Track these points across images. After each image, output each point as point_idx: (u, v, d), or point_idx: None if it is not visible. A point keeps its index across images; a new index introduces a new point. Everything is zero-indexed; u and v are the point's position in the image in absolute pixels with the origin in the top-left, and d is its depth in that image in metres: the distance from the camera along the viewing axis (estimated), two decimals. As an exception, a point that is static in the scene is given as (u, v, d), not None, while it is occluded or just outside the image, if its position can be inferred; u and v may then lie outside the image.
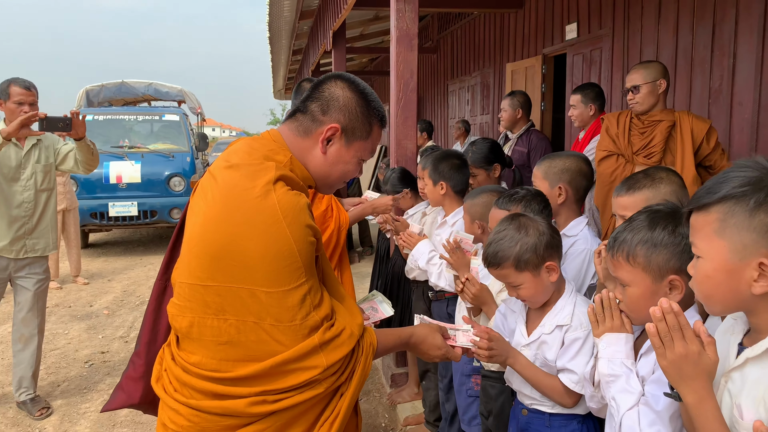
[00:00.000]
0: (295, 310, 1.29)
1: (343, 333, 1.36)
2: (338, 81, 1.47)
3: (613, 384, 1.37)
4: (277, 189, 1.31)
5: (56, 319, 5.65)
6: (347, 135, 1.46)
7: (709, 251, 1.07)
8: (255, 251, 1.27)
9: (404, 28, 3.48)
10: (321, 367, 1.31)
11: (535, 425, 1.74)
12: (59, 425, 3.56)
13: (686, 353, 1.05)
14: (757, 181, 1.02)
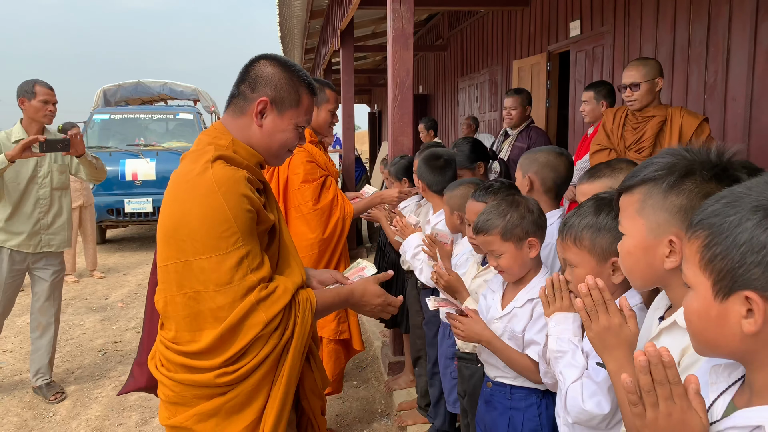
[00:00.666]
0: (233, 272, 1.42)
1: (277, 289, 1.49)
2: (262, 60, 1.61)
3: (561, 359, 1.48)
4: (215, 166, 1.46)
5: (73, 311, 5.86)
6: (277, 105, 1.58)
7: (631, 229, 1.18)
8: (196, 222, 1.42)
9: (400, 28, 3.59)
10: (262, 323, 1.44)
11: (497, 397, 1.86)
12: (72, 409, 3.74)
13: (609, 325, 1.15)
14: (671, 165, 1.13)
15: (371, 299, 1.72)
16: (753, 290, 0.77)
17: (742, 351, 0.83)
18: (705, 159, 1.11)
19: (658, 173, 1.14)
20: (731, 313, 0.81)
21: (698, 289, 0.85)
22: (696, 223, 0.86)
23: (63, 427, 3.51)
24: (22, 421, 3.58)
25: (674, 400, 0.84)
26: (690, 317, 0.88)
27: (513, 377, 1.82)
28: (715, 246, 0.81)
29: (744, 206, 0.79)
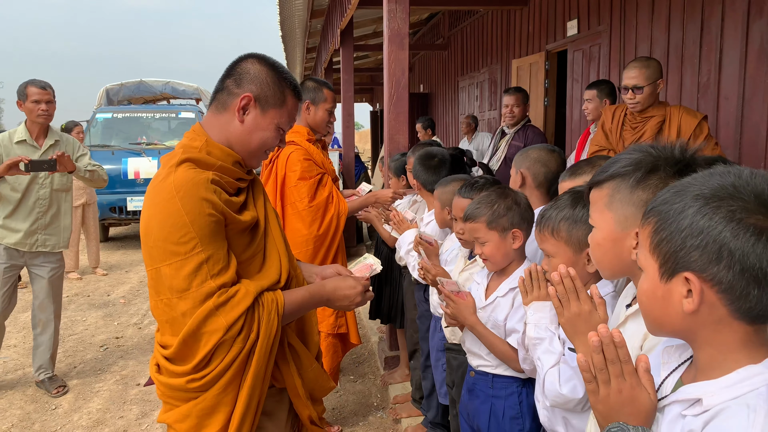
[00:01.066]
0: (191, 278, 1.39)
1: (237, 293, 1.44)
2: (250, 58, 1.59)
3: (539, 346, 1.54)
4: (178, 170, 1.43)
5: (75, 307, 5.94)
6: (261, 103, 1.55)
7: (600, 222, 1.24)
8: (156, 228, 1.41)
9: (396, 28, 3.65)
10: (223, 327, 1.41)
11: (480, 386, 1.92)
12: (74, 402, 3.81)
13: (579, 312, 1.21)
14: (638, 162, 1.19)
15: (345, 291, 1.66)
16: (692, 272, 0.83)
17: (684, 329, 0.89)
18: (669, 155, 1.17)
19: (625, 169, 1.20)
20: (674, 293, 0.87)
21: (648, 271, 0.91)
22: (648, 211, 0.92)
23: (65, 419, 3.58)
24: (24, 414, 3.65)
25: (624, 378, 0.91)
26: (641, 297, 0.94)
27: (494, 366, 1.88)
28: (662, 231, 0.88)
29: (687, 195, 0.86)
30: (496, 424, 1.89)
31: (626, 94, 3.14)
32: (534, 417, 1.89)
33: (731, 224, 0.80)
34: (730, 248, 0.80)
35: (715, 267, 0.81)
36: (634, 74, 3.10)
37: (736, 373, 0.84)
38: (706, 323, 0.86)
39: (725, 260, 0.80)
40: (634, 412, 0.91)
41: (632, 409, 0.91)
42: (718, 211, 0.81)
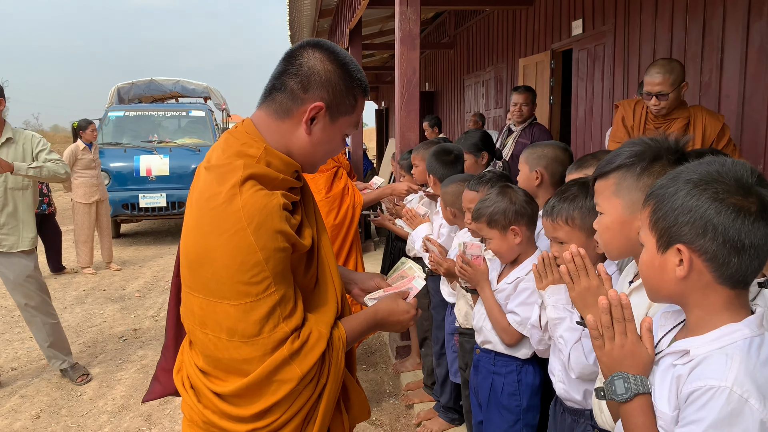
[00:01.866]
0: (263, 323, 1.23)
1: (310, 337, 1.29)
2: (315, 52, 1.33)
3: (560, 324, 1.68)
4: (244, 191, 1.23)
5: (92, 301, 6.10)
6: (331, 112, 1.34)
7: (608, 208, 1.38)
8: (221, 262, 1.21)
9: (407, 29, 3.79)
10: (297, 378, 1.26)
11: (483, 363, 2.08)
12: (98, 389, 3.97)
13: (589, 286, 1.36)
14: (641, 153, 1.34)
15: (399, 317, 1.51)
16: (683, 243, 1.00)
17: (677, 294, 1.05)
18: (668, 146, 1.33)
19: (630, 160, 1.35)
20: (668, 263, 1.03)
21: (647, 246, 1.08)
22: (648, 195, 1.09)
23: (90, 405, 3.74)
24: (51, 400, 3.81)
25: (627, 335, 1.07)
26: (641, 268, 1.10)
27: (495, 343, 2.04)
28: (658, 211, 1.04)
29: (679, 180, 1.02)
30: (495, 399, 2.05)
31: (650, 99, 3.05)
32: (531, 395, 2.05)
33: (715, 203, 0.97)
34: (714, 223, 0.96)
35: (702, 239, 0.98)
36: (658, 80, 3.00)
37: (718, 330, 1.01)
38: (695, 288, 1.01)
39: (710, 233, 0.97)
40: (634, 364, 1.07)
41: (632, 361, 1.07)
42: (705, 193, 0.98)
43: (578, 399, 1.68)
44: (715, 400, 0.94)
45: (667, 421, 1.02)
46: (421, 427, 3.17)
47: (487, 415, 2.09)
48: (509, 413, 2.04)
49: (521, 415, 2.04)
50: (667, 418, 1.02)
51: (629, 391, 1.05)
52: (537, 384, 2.08)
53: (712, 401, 0.94)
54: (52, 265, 7.14)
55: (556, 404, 1.81)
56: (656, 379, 1.07)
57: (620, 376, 1.06)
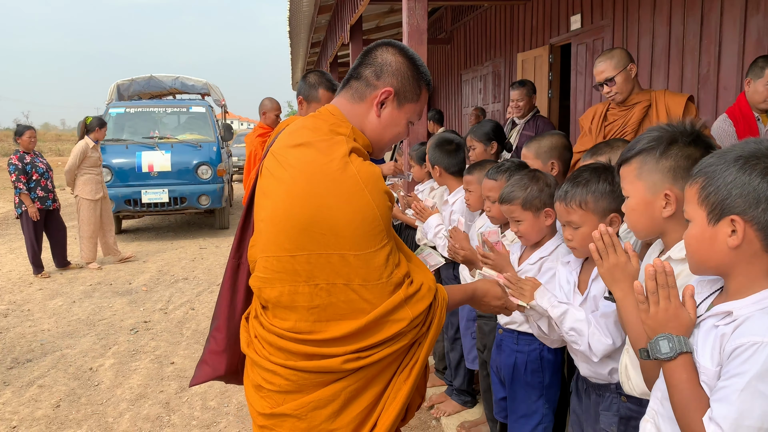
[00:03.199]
0: (381, 270, 1.39)
1: (422, 287, 1.46)
2: (389, 48, 1.54)
3: (565, 319, 1.76)
4: (353, 160, 1.41)
5: (100, 295, 6.17)
6: (399, 98, 1.53)
7: (632, 191, 1.48)
8: (342, 219, 1.36)
9: (415, 24, 3.89)
10: (407, 319, 1.42)
11: (506, 342, 2.18)
12: (114, 379, 4.06)
13: (617, 262, 1.45)
14: (658, 137, 1.44)
15: (492, 300, 1.75)
16: (737, 214, 1.11)
17: (725, 264, 1.15)
18: (683, 129, 1.44)
19: (649, 144, 1.45)
20: (720, 233, 1.13)
21: (696, 220, 1.17)
22: (696, 173, 1.18)
23: (109, 394, 3.83)
24: (70, 390, 3.89)
25: (671, 300, 1.18)
26: (689, 241, 1.19)
27: (519, 324, 2.14)
28: (709, 186, 1.14)
29: (729, 157, 1.13)
30: (519, 376, 2.15)
31: (602, 90, 3.12)
32: (553, 372, 2.15)
33: (766, 177, 1.08)
34: (766, 195, 1.08)
35: (755, 210, 1.09)
36: (601, 68, 3.07)
37: (759, 294, 1.12)
38: (743, 256, 1.12)
39: (762, 205, 1.08)
40: (677, 326, 1.18)
41: (676, 323, 1.18)
42: (756, 168, 1.09)
43: (604, 374, 1.76)
44: (759, 354, 1.04)
45: (710, 376, 1.13)
46: (435, 410, 3.28)
47: (511, 392, 2.19)
48: (533, 389, 2.14)
49: (544, 391, 2.14)
50: (710, 373, 1.13)
51: (674, 350, 1.16)
52: (559, 361, 2.18)
53: (755, 355, 1.04)
54: (58, 260, 7.20)
55: (578, 381, 1.90)
56: (699, 339, 1.17)
57: (665, 337, 1.17)
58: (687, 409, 1.13)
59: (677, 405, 1.16)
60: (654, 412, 1.30)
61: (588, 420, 1.80)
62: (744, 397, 1.04)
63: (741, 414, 1.04)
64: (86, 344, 4.73)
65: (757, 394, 1.04)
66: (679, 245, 1.47)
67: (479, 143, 3.31)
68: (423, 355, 1.50)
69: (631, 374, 1.55)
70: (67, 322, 5.31)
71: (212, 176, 8.97)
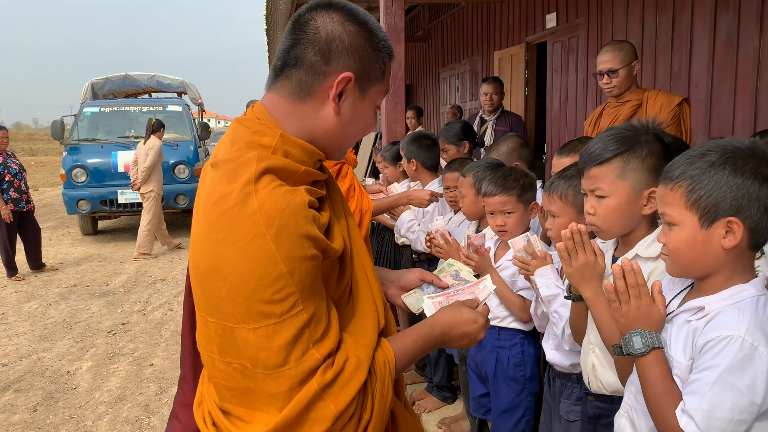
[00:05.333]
0: (288, 350, 1.00)
1: (347, 365, 1.05)
2: (331, 13, 1.10)
3: (554, 301, 1.82)
4: (260, 189, 1.01)
5: (76, 297, 6.09)
6: (361, 83, 1.12)
7: (613, 191, 1.49)
8: (236, 276, 0.99)
9: (392, 23, 3.90)
10: (332, 417, 1.02)
11: (488, 338, 2.22)
12: (92, 382, 4.02)
13: (586, 261, 1.48)
14: (631, 137, 1.48)
15: (465, 327, 1.23)
16: (733, 216, 1.13)
17: (714, 264, 1.17)
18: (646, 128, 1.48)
19: (624, 146, 1.47)
20: (714, 236, 1.16)
21: (685, 224, 1.18)
22: (677, 176, 1.19)
23: (87, 397, 3.79)
24: (47, 394, 3.85)
25: (641, 297, 1.21)
26: (678, 245, 1.20)
27: (500, 319, 2.18)
28: (699, 189, 1.16)
29: (714, 160, 1.15)
30: (502, 371, 2.19)
31: (602, 79, 3.08)
32: (534, 364, 2.20)
33: (758, 178, 1.12)
34: (758, 196, 1.12)
35: (748, 210, 1.13)
36: (607, 58, 3.03)
37: (730, 290, 1.17)
38: (733, 255, 1.16)
39: (755, 205, 1.12)
40: (649, 322, 1.22)
41: (647, 320, 1.22)
42: (746, 170, 1.13)
43: (566, 365, 1.82)
44: (729, 348, 1.08)
45: (682, 370, 1.17)
46: (415, 406, 3.31)
47: (494, 387, 2.23)
48: (515, 383, 2.19)
49: (526, 384, 2.20)
50: (682, 366, 1.17)
51: (646, 345, 1.19)
52: (537, 354, 2.23)
53: (726, 349, 1.08)
54: (32, 262, 7.09)
55: (549, 371, 1.96)
56: (672, 334, 1.22)
57: (637, 333, 1.20)
58: (660, 402, 1.17)
59: (650, 398, 1.19)
60: (628, 406, 1.34)
61: (555, 407, 1.85)
62: (715, 390, 1.08)
63: (713, 406, 1.08)
64: (63, 347, 4.68)
65: (728, 386, 1.08)
66: (645, 242, 1.51)
67: (451, 145, 3.35)
68: None
69: (600, 373, 1.59)
70: (42, 325, 5.24)
71: (190, 175, 8.90)
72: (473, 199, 2.57)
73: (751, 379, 1.07)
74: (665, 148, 1.49)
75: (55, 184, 17.63)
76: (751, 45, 3.85)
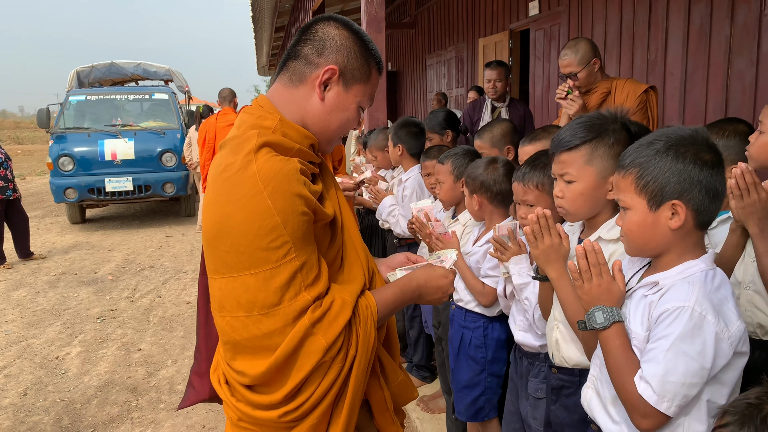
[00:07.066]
0: (283, 291, 1.17)
1: (333, 305, 1.22)
2: (331, 22, 1.34)
3: (525, 288, 1.90)
4: (259, 157, 1.20)
5: (65, 285, 6.15)
6: (345, 77, 1.32)
7: (581, 176, 1.57)
8: (238, 230, 1.16)
9: (373, 12, 3.96)
10: (322, 349, 1.19)
11: (457, 318, 2.33)
12: (82, 366, 4.10)
13: (552, 244, 1.57)
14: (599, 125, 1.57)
15: (438, 281, 1.43)
16: (677, 199, 1.23)
17: (664, 244, 1.27)
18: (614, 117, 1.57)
19: (591, 133, 1.55)
20: (661, 218, 1.25)
21: (637, 208, 1.28)
22: (628, 164, 1.29)
23: (76, 381, 3.87)
24: (37, 378, 3.93)
25: (602, 276, 1.31)
26: (631, 228, 1.30)
27: (467, 302, 2.29)
28: (646, 176, 1.25)
29: (659, 147, 1.25)
30: (464, 350, 2.31)
31: (566, 81, 3.16)
32: (496, 348, 2.31)
33: (697, 162, 1.22)
34: (699, 179, 1.22)
35: (690, 193, 1.22)
36: (566, 62, 3.13)
37: (681, 266, 1.27)
38: (680, 235, 1.26)
39: (696, 187, 1.22)
40: (610, 298, 1.31)
41: (608, 296, 1.31)
42: (687, 155, 1.22)
43: (536, 345, 1.92)
44: (681, 317, 1.19)
45: (640, 340, 1.27)
46: (396, 386, 3.43)
47: (457, 363, 2.34)
48: (475, 363, 2.29)
49: (486, 366, 2.30)
50: (640, 337, 1.27)
51: (608, 319, 1.29)
52: (503, 339, 2.32)
53: (678, 318, 1.19)
54: (21, 251, 7.12)
55: (516, 351, 2.06)
56: (630, 309, 1.32)
57: (599, 309, 1.30)
58: (620, 371, 1.27)
59: (612, 368, 1.29)
60: (594, 378, 1.44)
61: (521, 385, 1.95)
62: (669, 356, 1.19)
63: (667, 371, 1.19)
64: (52, 334, 4.75)
65: (680, 353, 1.18)
66: (607, 225, 1.60)
67: (434, 134, 3.43)
68: (353, 382, 1.26)
69: (562, 348, 1.69)
70: (31, 312, 5.30)
71: (177, 163, 8.92)
72: (451, 185, 2.63)
73: (701, 346, 1.18)
74: (631, 136, 1.56)
75: (42, 173, 17.54)
76: (722, 34, 3.94)
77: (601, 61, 3.23)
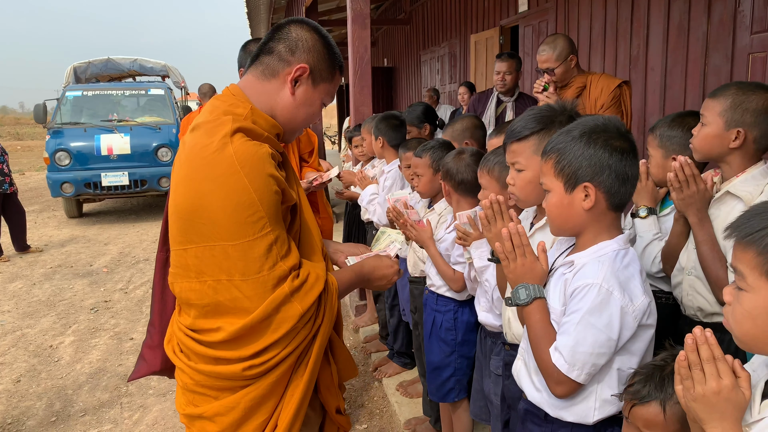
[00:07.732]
0: (262, 261, 1.30)
1: (309, 277, 1.37)
2: (303, 25, 1.46)
3: (486, 271, 2.00)
4: (235, 140, 1.31)
5: (60, 277, 6.25)
6: (314, 76, 1.46)
7: (529, 165, 1.65)
8: (217, 205, 1.28)
9: (358, 9, 4.04)
10: (298, 315, 1.33)
11: (429, 302, 2.42)
12: (74, 355, 4.20)
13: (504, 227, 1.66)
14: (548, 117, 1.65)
15: (384, 270, 1.65)
16: (588, 181, 1.32)
17: (581, 224, 1.37)
18: (563, 110, 1.65)
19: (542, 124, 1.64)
20: (576, 199, 1.35)
21: (555, 190, 1.38)
22: (549, 150, 1.39)
23: (69, 368, 3.98)
24: (30, 366, 4.03)
25: (526, 256, 1.42)
26: (551, 209, 1.41)
27: (438, 287, 2.38)
28: (563, 160, 1.35)
29: (575, 134, 1.35)
30: (435, 332, 2.42)
31: (543, 77, 3.23)
32: (466, 331, 2.41)
33: (607, 148, 1.31)
34: (608, 163, 1.31)
35: (600, 176, 1.32)
36: (543, 58, 3.19)
37: (596, 246, 1.37)
38: (594, 215, 1.35)
39: (606, 171, 1.31)
40: (533, 276, 1.42)
41: (531, 275, 1.42)
42: (598, 141, 1.32)
43: (496, 325, 2.02)
44: (590, 293, 1.29)
45: (557, 314, 1.38)
46: (377, 372, 3.53)
47: (429, 345, 2.44)
48: (446, 345, 2.39)
49: (456, 348, 2.40)
50: (557, 312, 1.38)
51: (529, 296, 1.40)
52: (472, 322, 2.41)
53: (588, 294, 1.29)
54: (18, 244, 7.22)
55: (481, 332, 2.16)
56: (550, 286, 1.43)
57: (523, 286, 1.41)
58: (539, 343, 1.38)
59: (533, 340, 1.40)
60: (523, 350, 1.54)
61: (486, 364, 2.05)
62: (579, 329, 1.29)
63: (577, 342, 1.29)
64: (46, 324, 4.85)
65: (589, 326, 1.29)
66: None
67: (413, 127, 3.53)
68: (317, 349, 1.42)
69: (513, 325, 1.78)
70: (27, 303, 5.41)
71: (172, 158, 9.01)
72: (430, 178, 2.69)
73: (608, 319, 1.28)
74: None
75: (41, 168, 17.63)
76: (700, 30, 4.03)
77: (578, 57, 3.31)
